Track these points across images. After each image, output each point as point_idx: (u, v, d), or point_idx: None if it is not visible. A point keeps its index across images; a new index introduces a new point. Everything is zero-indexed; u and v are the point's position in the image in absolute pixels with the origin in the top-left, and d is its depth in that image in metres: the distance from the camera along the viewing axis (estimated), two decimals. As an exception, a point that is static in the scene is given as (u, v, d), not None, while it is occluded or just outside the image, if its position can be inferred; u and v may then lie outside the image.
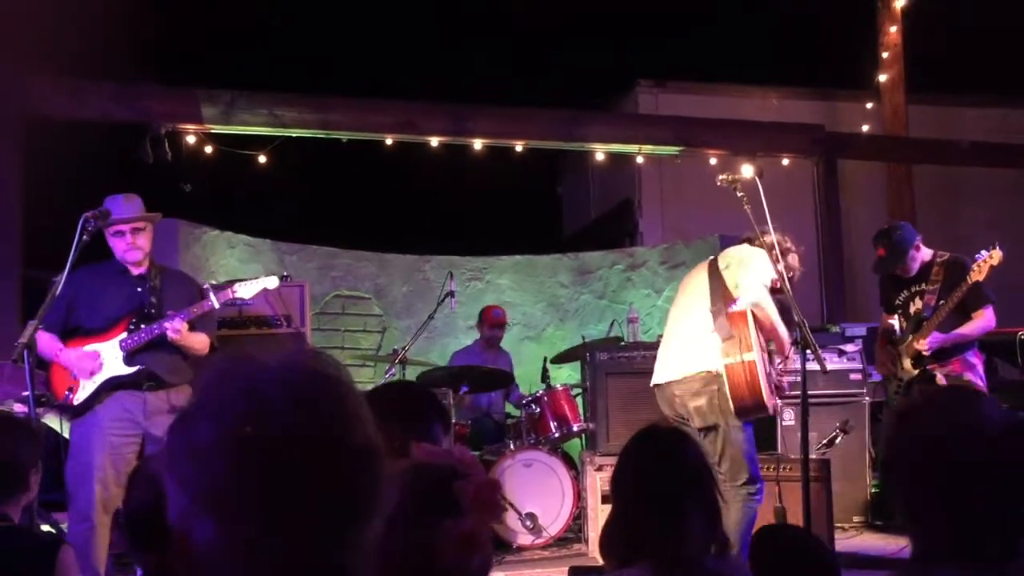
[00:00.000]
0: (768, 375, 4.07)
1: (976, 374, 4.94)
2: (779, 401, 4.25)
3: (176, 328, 4.19)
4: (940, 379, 4.93)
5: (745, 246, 4.31)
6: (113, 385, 4.19)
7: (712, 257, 4.45)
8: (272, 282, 4.70)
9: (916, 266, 5.10)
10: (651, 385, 4.37)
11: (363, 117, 7.83)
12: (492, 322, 7.42)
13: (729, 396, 3.97)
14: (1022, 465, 1.49)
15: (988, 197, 10.48)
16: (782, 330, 4.11)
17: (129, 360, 4.21)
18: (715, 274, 4.23)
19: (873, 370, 5.88)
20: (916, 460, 1.53)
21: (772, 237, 4.11)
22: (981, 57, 10.03)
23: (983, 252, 4.84)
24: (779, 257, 4.08)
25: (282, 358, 1.03)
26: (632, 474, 2.21)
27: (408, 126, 7.78)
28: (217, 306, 4.42)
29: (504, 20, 11.10)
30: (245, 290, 4.56)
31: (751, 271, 4.11)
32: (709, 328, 4.08)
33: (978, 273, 4.82)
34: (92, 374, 4.16)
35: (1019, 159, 9.82)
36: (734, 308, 4.04)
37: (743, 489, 4.00)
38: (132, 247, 4.32)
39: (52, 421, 4.90)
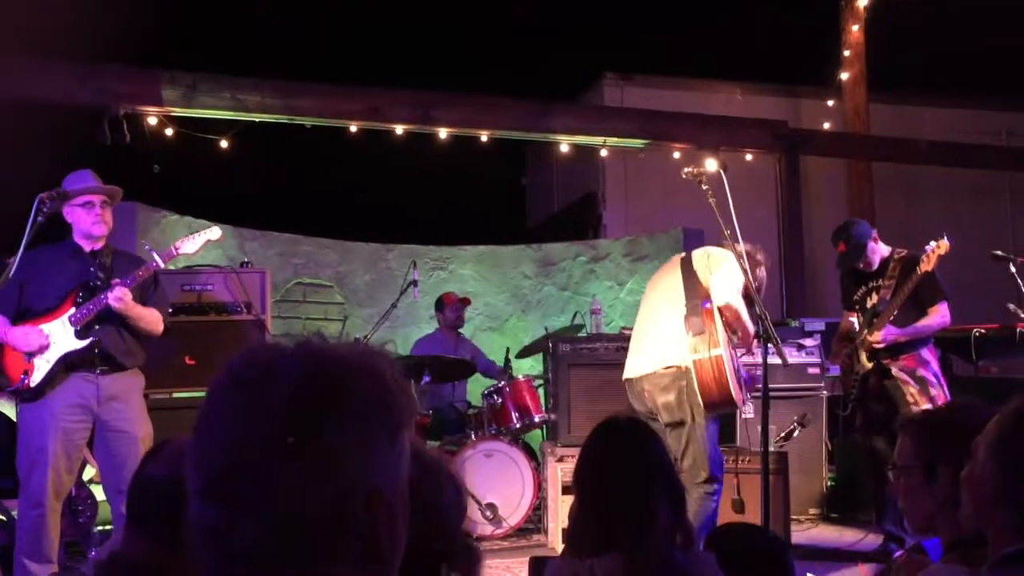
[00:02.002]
0: (736, 370, 4.12)
1: (930, 370, 5.01)
2: (747, 395, 4.31)
3: (118, 296, 4.10)
4: (896, 372, 5.00)
5: (718, 248, 4.35)
6: (67, 364, 4.11)
7: (684, 255, 4.49)
8: (214, 233, 4.61)
9: (876, 259, 5.17)
10: (623, 379, 4.40)
11: (328, 103, 7.76)
12: (451, 300, 7.43)
13: (697, 391, 4.01)
14: None
15: (946, 196, 10.64)
16: (750, 327, 4.17)
17: (81, 334, 4.13)
18: (688, 272, 4.27)
19: (831, 365, 5.96)
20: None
21: (742, 247, 4.16)
22: (942, 57, 10.17)
23: (931, 243, 4.93)
24: (747, 269, 4.15)
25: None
26: (598, 466, 2.22)
27: (374, 113, 7.73)
28: (163, 265, 4.34)
29: (472, 10, 11.05)
30: (188, 245, 4.48)
31: (724, 272, 4.18)
32: (680, 325, 4.12)
33: (927, 263, 4.90)
34: (42, 350, 4.07)
35: (977, 159, 10.00)
36: (707, 305, 4.09)
37: (701, 487, 4.05)
38: (100, 220, 4.23)
39: (6, 408, 4.81)
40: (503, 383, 6.20)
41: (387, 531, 0.97)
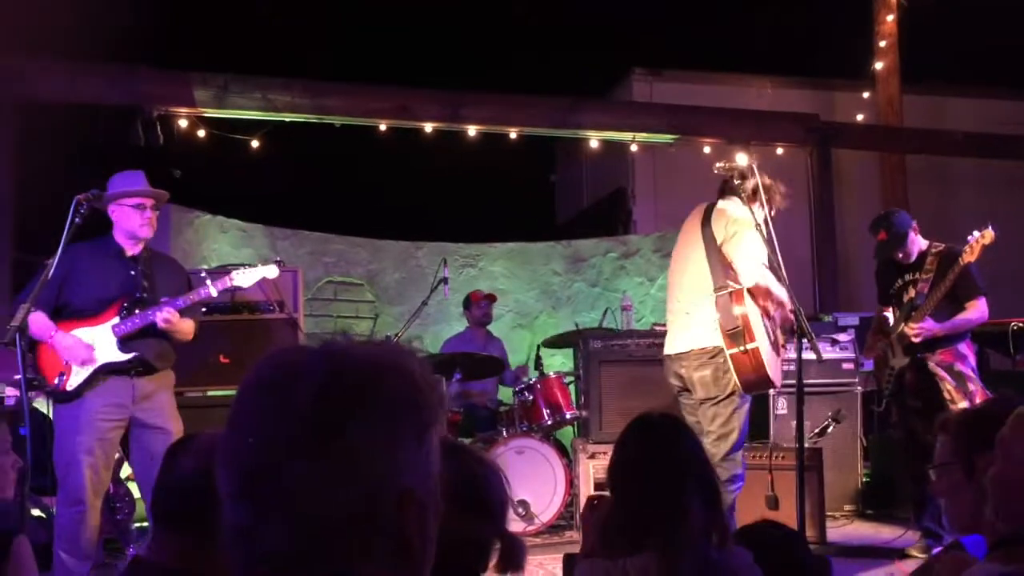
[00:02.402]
0: (774, 343, 4.16)
1: (967, 364, 4.95)
2: (791, 347, 4.32)
3: (166, 318, 4.16)
4: (933, 367, 4.94)
5: (736, 210, 4.29)
6: (105, 370, 4.17)
7: (703, 209, 4.45)
8: (272, 271, 4.60)
9: (915, 251, 5.09)
10: (664, 355, 4.42)
11: (357, 102, 7.80)
12: (477, 297, 7.45)
13: (735, 376, 4.05)
14: None
15: (981, 188, 10.49)
16: (783, 295, 4.14)
17: (123, 346, 4.18)
18: (712, 247, 4.23)
19: (865, 360, 5.89)
20: None
21: (756, 180, 4.15)
22: (976, 47, 10.02)
23: (975, 232, 4.85)
24: (764, 203, 4.13)
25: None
26: (631, 463, 2.21)
27: (403, 112, 7.75)
28: (215, 295, 4.37)
29: (500, 7, 11.05)
30: (243, 278, 4.48)
31: (744, 249, 4.15)
32: (711, 303, 4.13)
33: (970, 254, 4.82)
34: (84, 364, 4.13)
35: (1013, 150, 9.84)
36: (735, 287, 4.09)
37: (720, 471, 4.04)
38: (148, 223, 4.29)
39: (41, 405, 4.88)
40: (534, 380, 6.20)
41: (418, 530, 0.96)
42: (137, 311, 4.20)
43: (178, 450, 1.95)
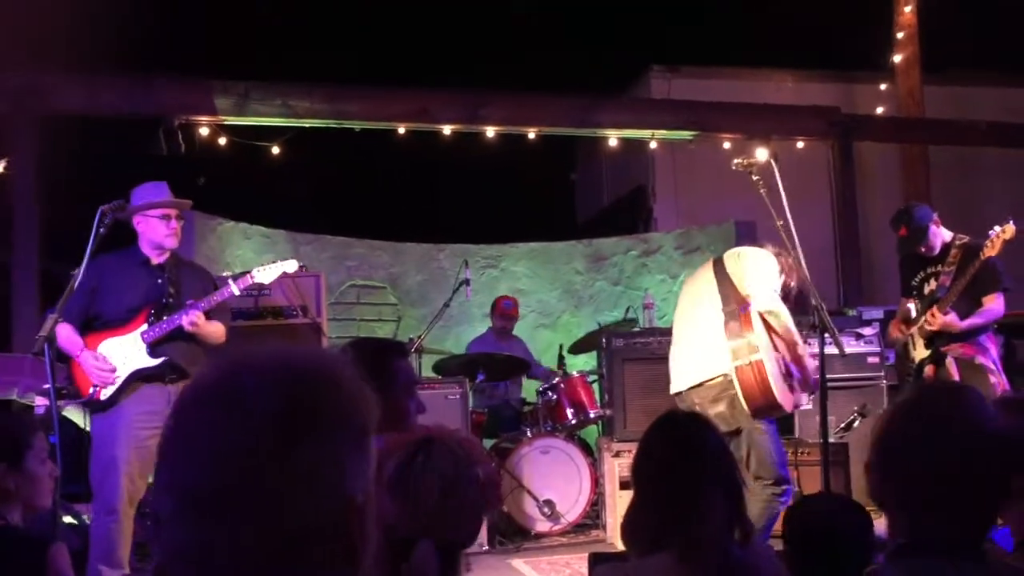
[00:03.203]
0: (785, 373, 4.04)
1: (989, 357, 4.91)
2: (806, 396, 4.22)
3: (192, 320, 4.20)
4: (950, 361, 4.91)
5: (750, 248, 4.29)
6: (138, 377, 4.21)
7: (715, 258, 4.40)
8: (291, 265, 4.66)
9: (938, 243, 5.06)
10: (671, 393, 4.33)
11: (377, 106, 7.82)
12: (502, 312, 7.46)
13: (742, 398, 3.95)
14: (999, 465, 1.52)
15: (1005, 179, 10.38)
16: (795, 336, 4.08)
17: (153, 352, 4.22)
18: (722, 276, 4.18)
19: (890, 353, 5.85)
20: (910, 456, 1.54)
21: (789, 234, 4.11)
22: (997, 36, 9.92)
23: (996, 228, 4.82)
24: (790, 265, 4.11)
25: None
26: (652, 462, 2.22)
27: (422, 114, 7.77)
28: (237, 293, 4.42)
29: (516, 6, 11.05)
30: (264, 275, 4.54)
31: (759, 276, 4.09)
32: (720, 331, 4.04)
33: (991, 248, 4.79)
34: (106, 384, 4.16)
35: (1037, 139, 9.73)
36: (745, 310, 4.01)
37: (769, 489, 3.97)
38: (174, 233, 4.34)
39: (74, 414, 4.94)
40: (558, 379, 6.20)
41: (362, 533, 1.00)
42: (164, 317, 4.25)
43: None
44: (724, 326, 4.03)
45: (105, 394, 4.17)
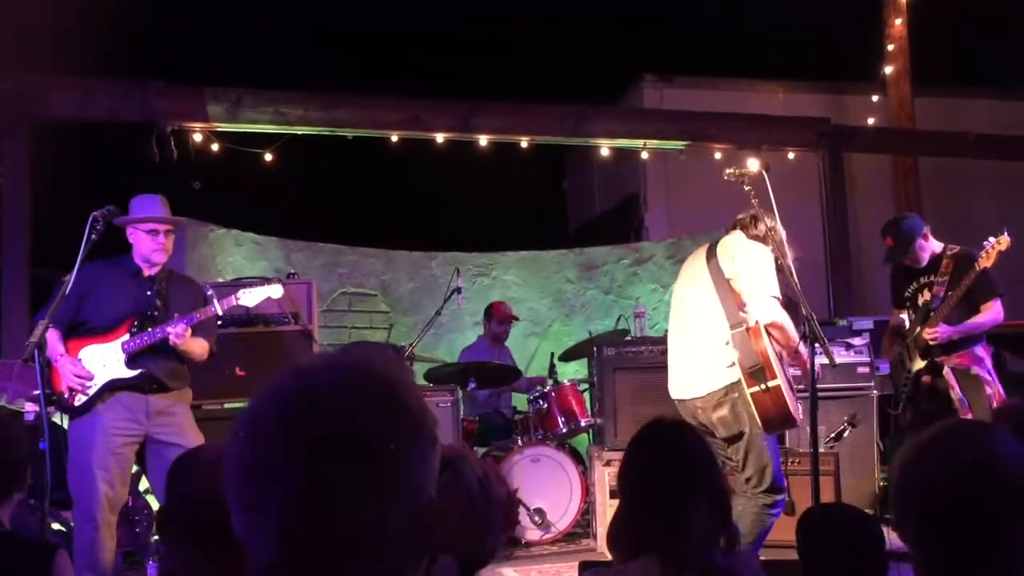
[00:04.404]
0: (789, 384, 4.02)
1: (984, 367, 4.93)
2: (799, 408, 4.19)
3: (179, 333, 4.19)
4: (947, 371, 4.92)
5: (742, 242, 4.20)
6: (114, 386, 4.19)
7: (707, 249, 4.31)
8: (276, 291, 4.69)
9: (926, 256, 5.08)
10: (673, 399, 4.28)
11: (369, 114, 7.83)
12: (502, 316, 7.40)
13: (756, 414, 3.91)
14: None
15: (995, 190, 10.44)
16: (795, 341, 4.03)
17: (131, 363, 4.20)
18: (719, 278, 4.10)
19: (881, 363, 5.87)
20: (929, 493, 1.51)
21: (765, 225, 4.09)
22: (987, 49, 10.00)
23: (990, 239, 4.85)
24: (783, 251, 4.08)
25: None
26: (636, 470, 2.22)
27: (414, 122, 7.78)
28: (220, 313, 4.41)
29: (509, 16, 11.09)
30: (248, 298, 4.57)
31: (757, 281, 4.01)
32: (723, 341, 3.99)
33: (986, 259, 4.82)
34: (80, 391, 4.13)
35: (1026, 151, 9.79)
36: (750, 325, 3.94)
37: (763, 497, 3.94)
38: (162, 249, 4.33)
39: (63, 421, 4.92)
40: (549, 388, 6.21)
41: (434, 532, 1.04)
42: (148, 329, 4.23)
43: (185, 464, 1.92)
44: (734, 345, 3.95)
45: (79, 400, 4.15)
